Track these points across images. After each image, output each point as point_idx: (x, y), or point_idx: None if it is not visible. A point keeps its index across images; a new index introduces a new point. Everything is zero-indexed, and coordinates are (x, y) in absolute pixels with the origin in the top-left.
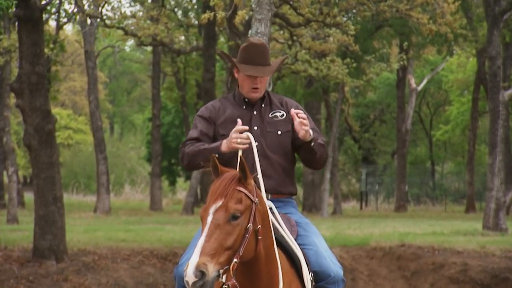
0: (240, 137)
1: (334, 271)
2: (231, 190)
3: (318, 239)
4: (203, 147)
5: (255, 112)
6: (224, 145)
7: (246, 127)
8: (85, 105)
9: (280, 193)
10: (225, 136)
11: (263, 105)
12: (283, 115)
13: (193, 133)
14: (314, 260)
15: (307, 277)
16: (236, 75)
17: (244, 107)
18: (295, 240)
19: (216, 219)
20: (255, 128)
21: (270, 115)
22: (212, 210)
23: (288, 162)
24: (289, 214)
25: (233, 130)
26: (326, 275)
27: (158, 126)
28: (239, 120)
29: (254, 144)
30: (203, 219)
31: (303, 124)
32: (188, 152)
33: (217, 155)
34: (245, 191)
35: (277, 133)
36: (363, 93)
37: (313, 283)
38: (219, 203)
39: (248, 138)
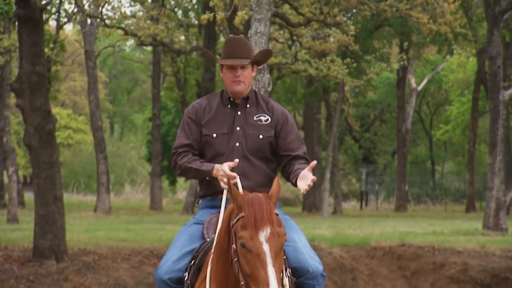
0: (225, 182)
1: (312, 267)
2: (272, 215)
3: (297, 235)
4: (195, 166)
5: (239, 113)
6: (214, 172)
7: (235, 175)
8: (85, 105)
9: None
10: (208, 136)
11: (248, 105)
12: (267, 119)
13: (183, 138)
14: (293, 256)
15: (284, 273)
16: (221, 75)
17: (229, 106)
18: None
19: (274, 247)
20: (238, 128)
21: (255, 118)
22: (263, 238)
23: (267, 164)
24: None
25: (225, 166)
26: (304, 270)
27: (158, 125)
28: (236, 161)
29: (240, 185)
30: (255, 248)
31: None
32: (181, 164)
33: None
34: (278, 213)
35: (259, 136)
36: (363, 92)
37: (294, 279)
38: (268, 229)
39: (234, 177)
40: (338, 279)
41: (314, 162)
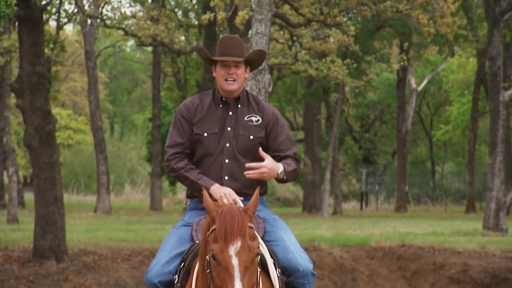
0: (228, 200)
1: (302, 266)
2: (245, 228)
3: (286, 234)
4: (192, 178)
5: (230, 113)
6: (213, 189)
7: (239, 201)
8: (86, 105)
9: (246, 195)
10: (199, 135)
11: (239, 105)
12: (258, 120)
13: (177, 136)
14: (282, 255)
15: (274, 273)
16: (214, 74)
17: (220, 105)
18: (263, 237)
19: (244, 261)
20: (229, 129)
21: (245, 118)
22: (233, 251)
23: None
24: (257, 211)
25: (228, 193)
26: (294, 269)
27: (159, 126)
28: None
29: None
30: (224, 262)
31: (262, 175)
32: (175, 168)
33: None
34: (253, 226)
35: (249, 137)
36: (364, 93)
37: (284, 279)
38: (239, 243)
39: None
40: (338, 279)
41: (260, 149)
